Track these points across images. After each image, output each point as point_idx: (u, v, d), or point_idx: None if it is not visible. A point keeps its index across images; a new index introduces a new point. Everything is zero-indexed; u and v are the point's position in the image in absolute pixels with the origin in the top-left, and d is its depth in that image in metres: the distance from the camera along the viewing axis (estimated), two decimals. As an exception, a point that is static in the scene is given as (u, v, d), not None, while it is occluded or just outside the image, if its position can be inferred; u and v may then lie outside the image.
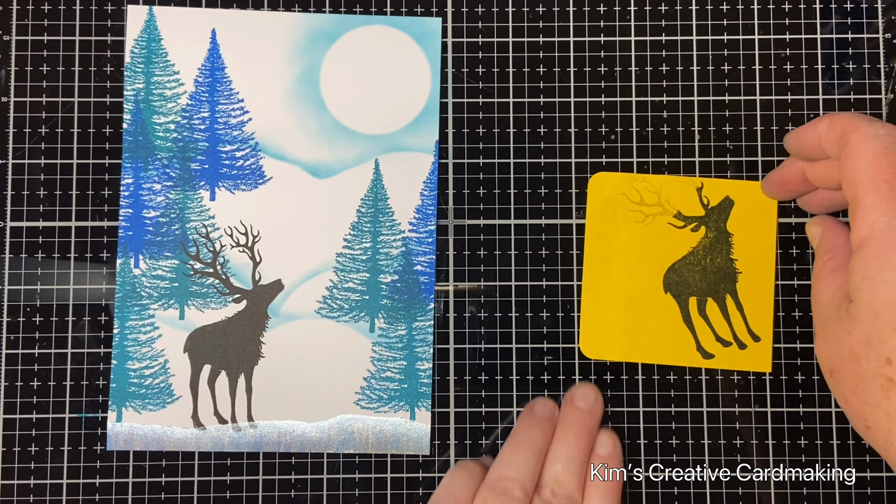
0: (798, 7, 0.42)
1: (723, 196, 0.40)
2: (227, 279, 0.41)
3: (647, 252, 0.39)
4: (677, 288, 0.39)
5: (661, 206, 0.40)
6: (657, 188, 0.40)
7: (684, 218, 0.39)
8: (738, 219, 0.40)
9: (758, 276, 0.39)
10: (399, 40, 0.42)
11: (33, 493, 0.40)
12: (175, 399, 0.40)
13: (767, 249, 0.39)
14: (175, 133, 0.41)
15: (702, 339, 0.39)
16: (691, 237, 0.39)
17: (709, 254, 0.39)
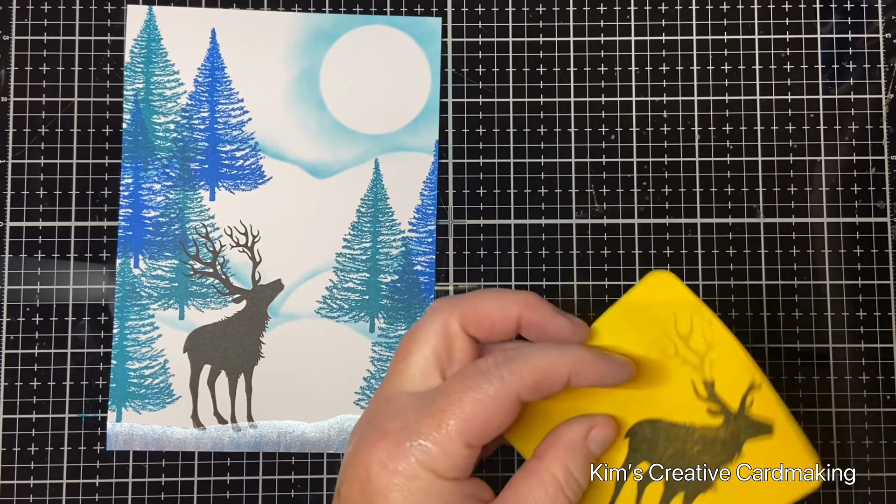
0: (798, 7, 0.42)
1: (768, 418, 0.31)
2: (227, 279, 0.41)
3: (644, 385, 0.31)
4: (640, 443, 0.31)
5: (700, 359, 0.31)
6: (713, 340, 0.31)
7: (713, 394, 0.31)
8: (760, 453, 0.31)
9: None
10: (399, 40, 0.42)
11: (33, 493, 0.40)
12: (175, 399, 0.40)
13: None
14: (175, 133, 0.41)
15: (622, 497, 0.32)
16: (701, 416, 0.31)
17: (701, 445, 0.31)
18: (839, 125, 0.41)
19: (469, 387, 0.28)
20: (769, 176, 0.41)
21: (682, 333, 0.31)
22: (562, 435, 0.30)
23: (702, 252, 0.41)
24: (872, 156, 0.41)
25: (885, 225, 0.41)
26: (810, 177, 0.41)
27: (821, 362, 0.40)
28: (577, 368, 0.29)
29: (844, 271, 0.41)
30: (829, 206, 0.41)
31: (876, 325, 0.40)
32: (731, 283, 0.41)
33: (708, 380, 0.31)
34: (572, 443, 0.30)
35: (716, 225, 0.41)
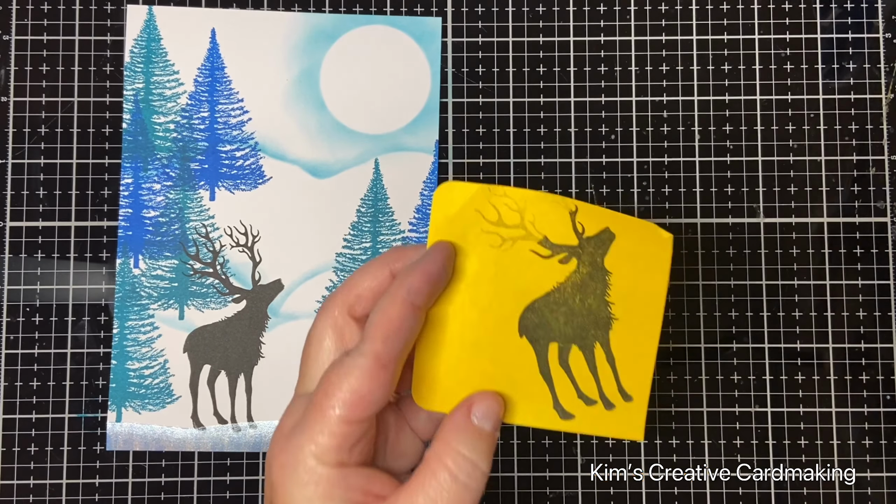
0: (798, 7, 0.42)
1: (601, 227, 0.32)
2: (227, 279, 0.41)
3: (501, 285, 0.31)
4: (535, 331, 0.32)
5: (523, 228, 0.31)
6: (520, 206, 0.31)
7: (552, 246, 0.31)
8: (619, 257, 0.32)
9: (637, 326, 0.32)
10: (399, 40, 0.42)
11: (33, 493, 0.40)
12: (175, 399, 0.40)
13: (654, 297, 0.32)
14: (175, 133, 0.41)
15: (561, 394, 0.32)
16: (559, 270, 0.31)
17: (578, 292, 0.32)
18: (839, 125, 0.41)
19: (335, 365, 0.29)
20: (769, 176, 0.41)
21: (494, 220, 0.31)
22: (446, 422, 0.30)
23: (702, 252, 0.41)
24: (872, 156, 0.41)
25: (885, 225, 0.41)
26: (810, 177, 0.41)
27: (821, 362, 0.40)
28: (407, 287, 0.29)
29: (844, 271, 0.41)
30: (829, 206, 0.41)
31: (876, 325, 0.40)
32: (732, 283, 0.41)
33: (540, 238, 0.31)
34: (456, 425, 0.30)
35: (716, 225, 0.41)
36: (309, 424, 0.28)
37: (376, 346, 0.28)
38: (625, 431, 0.32)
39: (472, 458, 0.29)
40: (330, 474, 0.28)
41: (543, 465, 0.40)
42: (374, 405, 0.28)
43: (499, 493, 0.40)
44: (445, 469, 0.29)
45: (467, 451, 0.29)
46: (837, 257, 0.41)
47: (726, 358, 0.40)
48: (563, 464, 0.40)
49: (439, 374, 0.32)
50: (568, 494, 0.40)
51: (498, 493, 0.40)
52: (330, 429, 0.28)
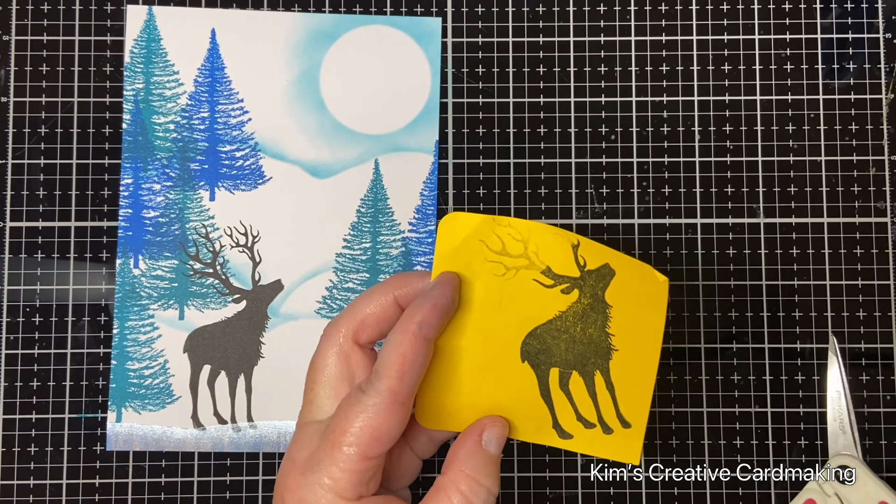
0: (798, 7, 0.42)
1: (602, 262, 0.33)
2: (227, 279, 0.41)
3: (505, 312, 0.32)
4: (537, 357, 0.33)
5: (527, 258, 0.32)
6: (524, 236, 0.32)
7: (554, 276, 0.32)
8: (618, 293, 0.33)
9: (636, 358, 0.33)
10: (399, 40, 0.42)
11: (33, 494, 0.40)
12: (175, 399, 0.40)
13: (652, 334, 0.33)
14: (175, 133, 0.41)
15: (560, 416, 0.33)
16: (560, 300, 0.33)
17: (580, 321, 0.33)
18: (839, 125, 0.41)
19: (352, 403, 0.29)
20: (769, 176, 0.41)
21: (497, 250, 0.32)
22: (458, 448, 0.31)
23: (702, 252, 0.41)
24: (872, 156, 0.41)
25: (885, 225, 0.41)
26: (810, 177, 0.41)
27: (821, 362, 0.40)
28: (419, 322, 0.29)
29: (845, 271, 0.41)
30: (830, 207, 0.41)
31: (876, 325, 0.40)
32: (732, 283, 0.41)
33: (543, 268, 0.32)
34: (469, 452, 0.31)
35: (716, 225, 0.41)
36: (326, 462, 0.29)
37: (392, 384, 0.29)
38: (621, 455, 0.33)
39: (485, 484, 0.30)
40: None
41: (543, 466, 0.40)
42: (391, 441, 0.29)
43: (499, 493, 0.40)
44: (460, 494, 0.30)
45: (480, 477, 0.30)
46: (837, 257, 0.41)
47: (726, 358, 0.40)
48: (562, 464, 0.40)
49: (443, 396, 0.33)
50: (568, 495, 0.40)
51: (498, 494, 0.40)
52: (349, 466, 0.28)
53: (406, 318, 0.30)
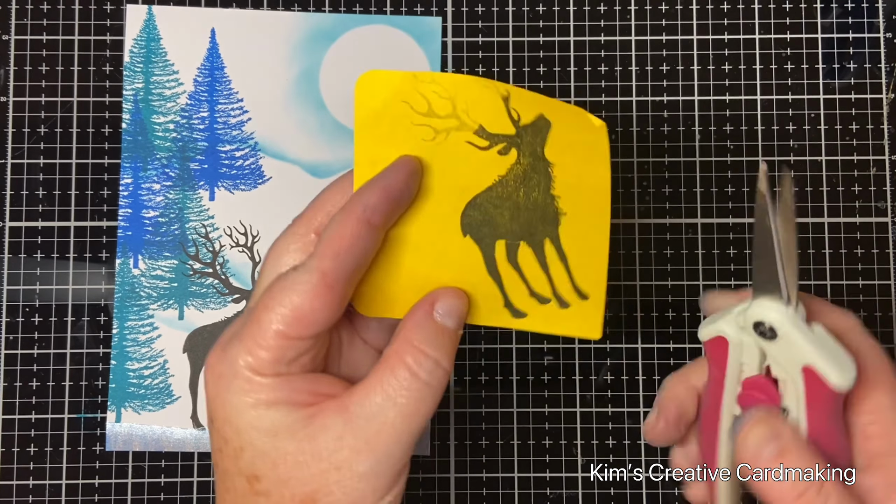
0: (799, 6, 0.42)
1: (536, 114, 0.29)
2: (227, 279, 0.41)
3: (439, 182, 0.29)
4: (480, 230, 0.29)
5: (456, 117, 0.28)
6: (450, 93, 0.28)
7: (489, 135, 0.29)
8: (558, 147, 0.29)
9: (587, 221, 0.29)
10: (399, 40, 0.42)
11: (32, 494, 0.39)
12: (174, 399, 0.40)
13: (599, 190, 0.29)
14: (174, 133, 0.41)
15: (511, 293, 0.30)
16: (499, 162, 0.29)
17: (522, 185, 0.29)
18: (840, 125, 0.41)
19: (280, 278, 0.27)
20: (770, 176, 0.41)
21: (423, 111, 0.28)
22: (407, 318, 0.29)
23: (702, 252, 0.41)
24: (873, 156, 0.41)
25: (885, 225, 0.41)
26: (811, 177, 0.41)
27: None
28: (363, 203, 0.27)
29: (845, 271, 0.41)
30: (830, 206, 0.41)
31: (877, 325, 0.40)
32: (732, 283, 0.41)
33: (476, 128, 0.29)
34: (417, 322, 0.28)
35: (716, 225, 0.41)
36: (246, 336, 0.27)
37: (324, 264, 0.27)
38: (582, 329, 0.30)
39: (433, 356, 0.28)
40: (270, 382, 0.27)
41: (543, 466, 0.40)
42: (316, 324, 0.27)
43: (499, 493, 0.40)
44: (405, 366, 0.27)
45: (429, 349, 0.28)
46: (838, 257, 0.41)
47: (727, 358, 0.40)
48: (563, 464, 0.40)
49: (379, 280, 0.29)
50: (568, 495, 0.40)
51: (498, 494, 0.40)
52: (267, 342, 0.27)
53: (353, 199, 0.27)
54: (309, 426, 0.27)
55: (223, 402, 0.27)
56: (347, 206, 0.27)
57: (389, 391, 0.27)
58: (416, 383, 0.27)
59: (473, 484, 0.40)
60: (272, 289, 0.27)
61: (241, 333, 0.27)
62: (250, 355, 0.27)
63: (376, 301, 0.29)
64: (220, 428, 0.28)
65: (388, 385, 0.27)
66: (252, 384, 0.27)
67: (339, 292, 0.27)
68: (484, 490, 0.40)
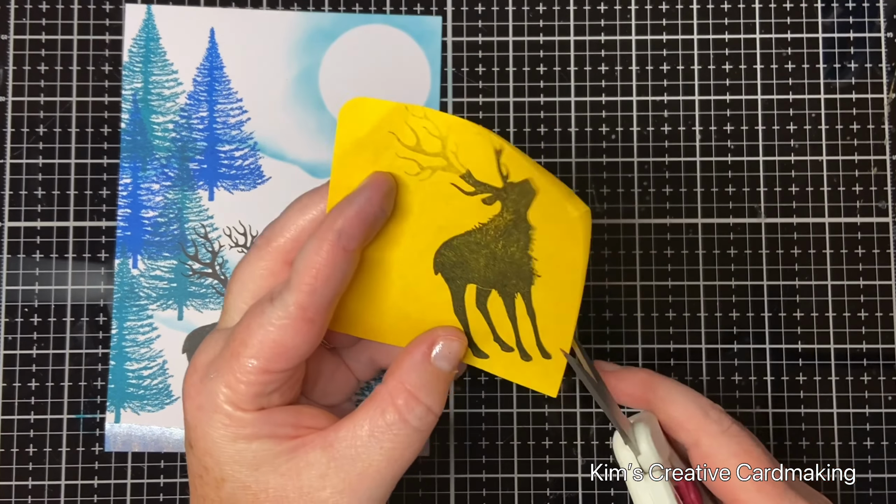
0: (799, 6, 0.42)
1: (524, 176, 0.28)
2: (226, 279, 0.40)
3: (418, 218, 0.28)
4: (452, 270, 0.29)
5: (445, 157, 0.28)
6: (442, 132, 0.27)
7: (476, 182, 0.28)
8: (540, 215, 0.28)
9: (559, 289, 0.29)
10: (399, 39, 0.42)
11: (31, 495, 0.39)
12: (174, 400, 0.40)
13: (574, 268, 0.29)
14: (173, 133, 0.41)
15: (476, 334, 0.30)
16: (481, 210, 0.28)
17: (502, 238, 0.29)
18: (840, 125, 0.41)
19: (257, 313, 0.27)
20: (770, 176, 0.41)
21: (411, 145, 0.28)
22: (403, 357, 0.28)
23: (702, 252, 0.41)
24: (874, 156, 0.41)
25: (886, 225, 0.41)
26: (812, 177, 0.41)
27: (822, 363, 0.40)
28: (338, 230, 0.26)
29: (846, 272, 0.41)
30: (831, 207, 0.41)
31: (878, 325, 0.40)
32: (732, 283, 0.41)
33: (463, 172, 0.28)
34: (414, 364, 0.28)
35: (717, 225, 0.41)
36: (224, 370, 0.27)
37: (301, 299, 0.26)
38: (540, 384, 0.30)
39: (425, 402, 0.27)
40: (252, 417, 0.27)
41: (543, 466, 0.40)
42: (298, 358, 0.27)
43: (499, 493, 0.40)
44: (395, 409, 0.27)
45: (421, 394, 0.27)
46: (839, 258, 0.41)
47: (727, 359, 0.40)
48: (563, 465, 0.40)
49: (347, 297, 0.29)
50: (568, 495, 0.40)
51: (498, 494, 0.40)
52: (248, 378, 0.26)
53: (326, 225, 0.26)
54: (291, 460, 0.27)
55: (203, 433, 0.27)
56: (321, 233, 0.26)
57: (376, 433, 0.27)
58: (404, 429, 0.27)
59: (473, 484, 0.40)
60: (249, 323, 0.27)
61: (220, 366, 0.27)
62: (230, 389, 0.26)
63: (340, 317, 0.29)
64: (200, 457, 0.27)
65: (375, 426, 0.27)
66: (233, 419, 0.27)
67: (319, 324, 0.27)
68: (484, 490, 0.40)
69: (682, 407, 0.30)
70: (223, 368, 0.27)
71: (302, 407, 0.29)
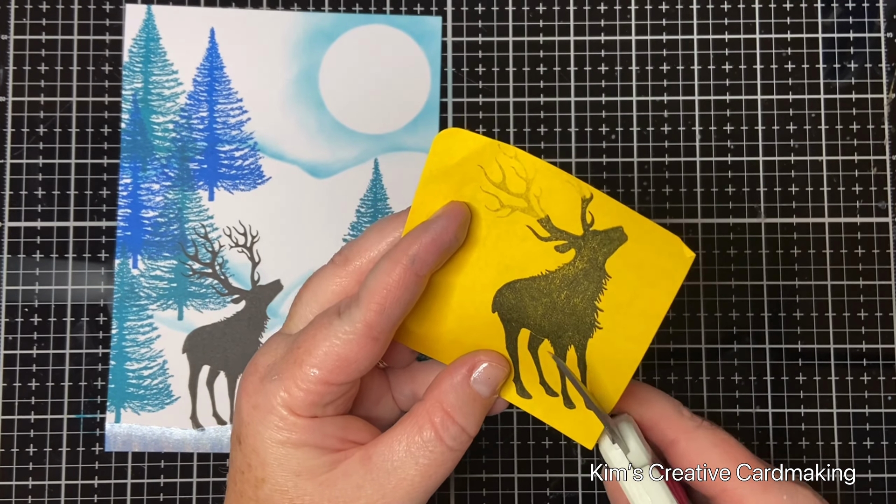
0: (799, 6, 0.42)
1: (615, 224, 0.28)
2: (226, 279, 0.40)
3: (487, 252, 0.28)
4: (509, 313, 0.29)
5: (526, 199, 0.28)
6: (529, 175, 0.27)
7: (552, 228, 0.28)
8: (625, 263, 0.28)
9: (622, 343, 0.28)
10: (399, 40, 0.42)
11: (31, 495, 0.39)
12: (174, 400, 0.40)
13: (650, 317, 0.28)
14: (174, 133, 0.41)
15: (524, 374, 0.29)
16: (552, 258, 0.28)
17: (566, 288, 0.28)
18: (840, 125, 0.41)
19: (324, 325, 0.27)
20: (770, 176, 0.41)
21: (497, 181, 0.28)
22: (443, 378, 0.28)
23: (702, 252, 0.41)
24: (874, 156, 0.41)
25: (886, 225, 0.41)
26: (811, 177, 0.41)
27: (822, 363, 0.40)
28: (412, 255, 0.27)
29: (846, 272, 0.41)
30: (831, 207, 0.41)
31: (877, 325, 0.40)
32: (732, 283, 0.41)
33: (542, 216, 0.28)
34: (453, 385, 0.28)
35: (716, 225, 0.41)
36: (286, 375, 0.27)
37: (369, 316, 0.27)
38: (578, 434, 0.29)
39: (461, 423, 0.28)
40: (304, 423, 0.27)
41: (544, 466, 0.40)
42: (358, 373, 0.27)
43: (499, 493, 0.40)
44: (431, 426, 0.27)
45: (458, 415, 0.28)
46: (839, 258, 0.41)
47: (727, 359, 0.40)
48: (563, 465, 0.40)
49: (409, 317, 0.29)
50: (568, 495, 0.40)
51: (498, 494, 0.40)
52: (307, 387, 0.27)
53: (401, 248, 0.27)
54: (331, 471, 0.28)
55: (255, 432, 0.28)
56: (394, 255, 0.27)
57: (413, 449, 0.27)
58: (439, 446, 0.28)
59: (473, 484, 0.40)
60: (315, 333, 0.27)
61: (281, 370, 0.28)
62: (288, 393, 0.27)
63: (399, 329, 0.30)
64: (247, 454, 0.28)
65: (412, 442, 0.28)
66: (286, 422, 0.27)
67: (383, 342, 0.27)
68: (484, 490, 0.40)
69: (657, 407, 0.30)
70: (285, 373, 0.27)
71: (350, 419, 0.29)
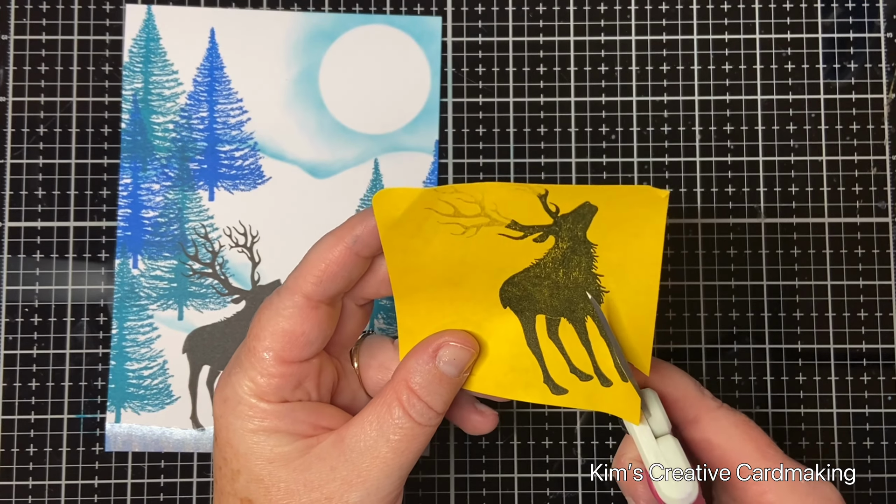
0: (799, 6, 0.42)
1: (579, 202, 0.28)
2: (226, 279, 0.41)
3: (473, 267, 0.29)
4: (520, 303, 0.29)
5: (486, 216, 0.28)
6: (477, 198, 0.28)
7: (523, 228, 0.28)
8: (604, 227, 0.28)
9: (632, 297, 0.29)
10: (399, 39, 0.42)
11: (32, 495, 0.39)
12: (174, 400, 0.40)
13: (648, 264, 0.28)
14: (174, 133, 0.41)
15: (552, 368, 0.30)
16: (535, 248, 0.29)
17: (561, 266, 0.29)
18: (840, 125, 0.41)
19: (266, 306, 0.28)
20: (770, 176, 0.41)
21: (450, 214, 0.28)
22: (409, 357, 0.29)
23: (702, 252, 0.41)
24: (874, 156, 0.41)
25: (886, 225, 0.41)
26: (811, 177, 0.41)
27: (822, 363, 0.40)
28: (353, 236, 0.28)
29: (846, 272, 0.41)
30: (831, 207, 0.41)
31: (877, 325, 0.40)
32: (732, 283, 0.41)
33: (508, 222, 0.28)
34: (418, 364, 0.29)
35: (716, 225, 0.41)
36: (246, 365, 0.28)
37: (307, 288, 0.27)
38: (624, 410, 0.29)
39: (426, 400, 0.28)
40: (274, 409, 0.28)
41: (543, 466, 0.40)
42: (310, 345, 0.28)
43: (499, 493, 0.40)
44: (399, 404, 0.28)
45: (423, 393, 0.28)
46: (839, 258, 0.41)
47: (727, 359, 0.40)
48: (563, 465, 0.40)
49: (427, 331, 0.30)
50: (568, 495, 0.40)
51: (498, 494, 0.40)
52: (266, 370, 0.28)
53: (343, 228, 0.28)
54: (304, 456, 0.28)
55: (227, 423, 0.28)
56: (338, 233, 0.28)
57: (384, 427, 0.28)
58: (408, 422, 0.28)
59: (473, 484, 0.40)
60: (260, 318, 0.28)
61: (241, 361, 0.29)
62: (252, 382, 0.28)
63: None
64: (221, 447, 0.29)
65: (382, 421, 0.28)
66: (255, 410, 0.28)
67: (326, 310, 0.28)
68: (484, 490, 0.40)
69: (681, 385, 0.31)
70: (245, 364, 0.28)
71: (322, 405, 0.30)
